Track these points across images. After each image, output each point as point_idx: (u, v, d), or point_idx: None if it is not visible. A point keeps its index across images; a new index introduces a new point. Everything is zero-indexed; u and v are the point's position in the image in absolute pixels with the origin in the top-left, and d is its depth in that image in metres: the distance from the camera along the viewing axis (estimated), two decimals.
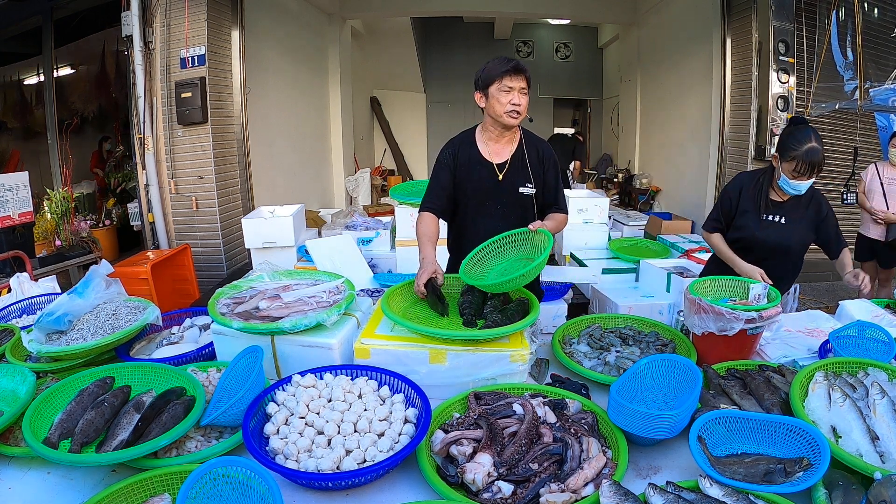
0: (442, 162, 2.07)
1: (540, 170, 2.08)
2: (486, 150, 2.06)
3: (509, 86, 1.91)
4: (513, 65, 1.91)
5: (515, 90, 1.92)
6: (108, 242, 5.68)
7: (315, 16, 7.32)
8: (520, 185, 2.05)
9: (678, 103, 7.24)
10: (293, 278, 1.99)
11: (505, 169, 2.04)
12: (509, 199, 2.05)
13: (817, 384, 1.38)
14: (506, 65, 1.92)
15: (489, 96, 1.95)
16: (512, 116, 1.95)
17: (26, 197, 3.60)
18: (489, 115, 2.00)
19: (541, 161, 2.08)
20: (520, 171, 2.05)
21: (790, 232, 2.13)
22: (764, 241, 2.15)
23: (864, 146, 5.28)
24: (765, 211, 2.15)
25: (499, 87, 1.92)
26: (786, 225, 2.13)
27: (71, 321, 1.74)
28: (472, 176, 2.04)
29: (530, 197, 2.06)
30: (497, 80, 1.92)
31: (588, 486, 1.14)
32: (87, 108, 6.71)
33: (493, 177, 2.04)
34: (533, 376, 1.69)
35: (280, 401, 1.39)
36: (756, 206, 2.17)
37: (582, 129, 12.21)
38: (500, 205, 2.06)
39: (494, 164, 2.04)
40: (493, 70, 1.94)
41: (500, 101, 1.93)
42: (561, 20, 10.51)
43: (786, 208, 2.14)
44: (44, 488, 1.22)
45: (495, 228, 1.99)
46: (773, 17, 4.99)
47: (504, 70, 1.91)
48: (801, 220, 2.14)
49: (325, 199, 7.83)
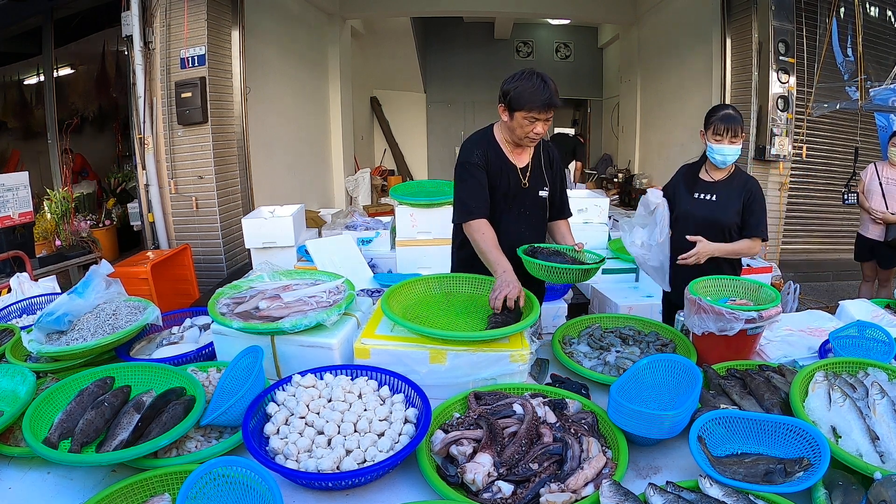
0: (475, 163, 1.99)
1: (551, 172, 2.12)
2: (510, 154, 2.04)
3: (536, 117, 1.87)
4: (545, 100, 1.84)
5: (541, 121, 1.88)
6: (108, 242, 5.67)
7: (315, 16, 7.32)
8: (539, 189, 2.08)
9: (678, 103, 7.24)
10: (293, 278, 1.99)
11: (528, 174, 2.06)
12: (530, 202, 2.08)
13: (817, 384, 1.38)
14: (539, 99, 1.84)
15: (513, 118, 1.91)
16: (530, 143, 1.96)
17: (26, 197, 3.60)
18: (508, 128, 1.97)
19: (551, 164, 2.13)
20: (538, 175, 2.08)
21: (720, 208, 2.20)
22: (692, 213, 2.23)
23: (864, 146, 5.29)
24: (696, 190, 2.26)
25: (525, 116, 1.87)
26: (716, 202, 2.20)
27: (71, 321, 1.74)
28: (502, 179, 2.02)
29: (546, 199, 2.11)
30: (525, 110, 1.87)
31: (588, 486, 1.14)
32: (87, 108, 6.70)
33: (519, 181, 2.04)
34: (533, 376, 1.69)
35: (280, 401, 1.39)
36: (688, 187, 2.29)
37: (582, 129, 12.22)
38: (523, 207, 2.08)
39: (519, 169, 2.04)
40: (525, 99, 1.85)
41: (523, 128, 1.90)
42: (561, 20, 10.52)
43: (717, 187, 2.22)
44: (44, 488, 1.22)
45: (518, 230, 2.03)
46: (773, 17, 4.99)
47: (533, 105, 1.85)
48: (730, 199, 2.20)
49: (325, 199, 7.83)
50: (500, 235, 1.99)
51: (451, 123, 11.69)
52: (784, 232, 5.64)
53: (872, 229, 3.93)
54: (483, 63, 11.39)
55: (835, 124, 5.73)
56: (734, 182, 2.22)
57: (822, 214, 6.01)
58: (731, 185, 2.21)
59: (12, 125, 6.78)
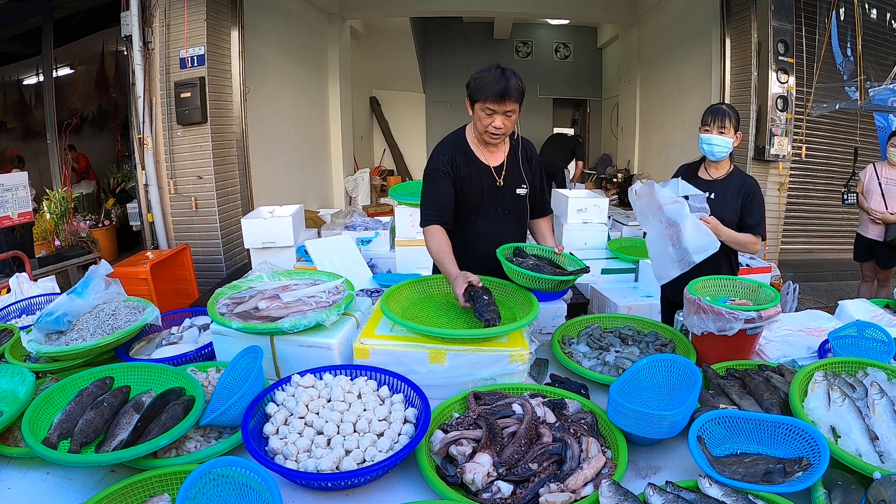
0: (440, 170, 1.96)
1: (529, 170, 2.07)
2: (481, 154, 2.00)
3: (492, 109, 1.82)
4: (499, 90, 1.78)
5: (498, 113, 1.83)
6: (108, 242, 5.68)
7: (315, 16, 7.32)
8: (516, 187, 2.03)
9: (678, 103, 7.24)
10: (292, 278, 1.99)
11: (503, 173, 2.01)
12: (508, 201, 2.04)
13: (817, 384, 1.38)
14: (493, 89, 1.79)
15: (474, 111, 1.88)
16: (492, 138, 1.90)
17: (25, 197, 3.59)
18: (474, 124, 1.94)
19: (529, 161, 2.08)
20: (515, 173, 2.03)
21: (718, 205, 2.19)
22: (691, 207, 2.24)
23: (863, 146, 5.29)
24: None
25: (482, 107, 1.83)
26: (714, 200, 2.21)
27: (70, 321, 1.74)
28: (473, 181, 1.98)
29: (525, 197, 2.07)
30: (481, 100, 1.83)
31: (587, 486, 1.14)
32: (86, 108, 6.70)
33: (493, 181, 1.99)
34: (532, 376, 1.70)
35: (279, 401, 1.39)
36: None
37: (581, 129, 12.22)
38: (500, 207, 2.04)
39: (492, 168, 2.00)
40: (481, 90, 1.82)
41: (482, 121, 1.86)
42: (560, 20, 10.52)
43: (715, 186, 2.24)
44: (43, 488, 1.21)
45: (497, 231, 1.99)
46: (772, 17, 4.99)
47: (488, 95, 1.80)
48: (728, 197, 2.21)
49: (324, 199, 7.83)
50: (479, 236, 1.97)
51: (450, 123, 11.66)
52: (783, 232, 5.65)
53: (872, 229, 3.93)
54: (482, 63, 11.07)
55: (834, 124, 5.73)
56: (732, 181, 2.23)
57: (822, 214, 6.02)
58: (730, 184, 2.23)
59: (12, 125, 6.78)
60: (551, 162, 7.85)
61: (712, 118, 2.18)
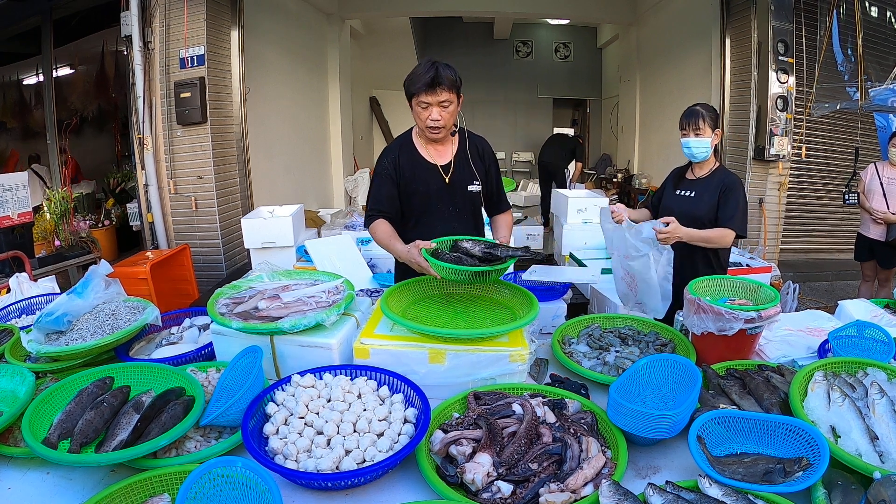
0: (382, 173, 1.98)
1: (482, 166, 2.07)
2: (427, 153, 2.00)
3: (426, 101, 1.81)
4: (428, 80, 1.78)
5: (433, 105, 1.82)
6: (108, 242, 5.67)
7: (314, 16, 7.32)
8: (467, 184, 2.04)
9: (677, 103, 7.23)
10: (292, 278, 1.99)
11: (451, 170, 2.01)
12: (459, 198, 2.05)
13: (816, 384, 1.38)
14: (421, 80, 1.79)
15: (413, 108, 1.87)
16: (432, 133, 1.89)
17: (25, 197, 3.59)
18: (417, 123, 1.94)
19: (482, 157, 2.08)
20: (465, 169, 2.04)
21: (696, 202, 2.32)
22: (671, 208, 2.35)
23: (864, 146, 5.29)
24: (678, 187, 2.44)
25: (417, 102, 1.83)
26: (693, 197, 2.34)
27: (70, 321, 1.74)
28: (419, 181, 1.99)
29: (478, 193, 2.08)
30: (415, 95, 1.82)
31: (587, 486, 1.14)
32: (86, 108, 6.70)
33: (440, 179, 2.00)
34: (532, 376, 1.69)
35: (279, 401, 1.39)
36: (674, 185, 2.47)
37: (581, 129, 12.21)
38: (451, 206, 2.04)
39: (439, 166, 2.00)
40: (413, 84, 1.81)
41: (420, 118, 1.85)
42: (560, 20, 10.51)
43: (696, 185, 2.36)
44: (43, 488, 1.21)
45: (452, 229, 1.99)
46: (772, 17, 4.99)
47: (419, 87, 1.79)
48: (707, 194, 2.30)
49: (324, 199, 7.83)
50: (433, 236, 1.94)
51: None
52: (783, 232, 5.65)
53: (873, 229, 3.94)
54: (482, 63, 11.39)
55: (834, 124, 5.73)
56: (714, 179, 2.32)
57: (822, 214, 6.02)
58: (710, 182, 2.32)
59: (11, 125, 6.78)
60: (551, 162, 7.85)
61: (686, 121, 2.27)
